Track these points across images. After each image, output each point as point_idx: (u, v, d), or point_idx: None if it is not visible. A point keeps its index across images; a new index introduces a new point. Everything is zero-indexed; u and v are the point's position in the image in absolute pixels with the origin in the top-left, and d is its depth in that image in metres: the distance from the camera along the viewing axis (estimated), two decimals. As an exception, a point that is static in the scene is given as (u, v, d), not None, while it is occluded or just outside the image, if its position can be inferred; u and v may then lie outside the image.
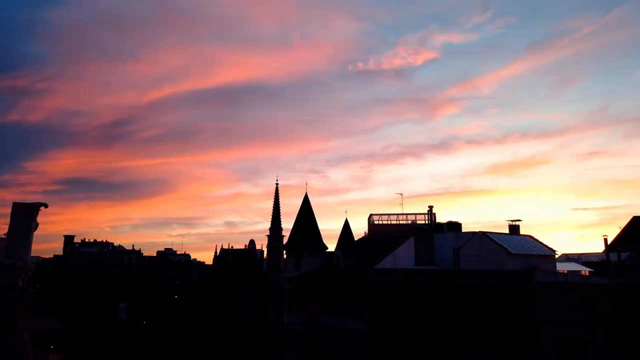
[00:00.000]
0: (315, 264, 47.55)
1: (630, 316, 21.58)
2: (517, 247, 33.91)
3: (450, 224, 42.91)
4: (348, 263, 44.26)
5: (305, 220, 50.55)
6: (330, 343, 42.06)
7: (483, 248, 34.03)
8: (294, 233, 50.33)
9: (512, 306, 26.49)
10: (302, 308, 45.72)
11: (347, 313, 40.53)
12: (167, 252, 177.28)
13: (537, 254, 34.55)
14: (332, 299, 42.67)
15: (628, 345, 21.36)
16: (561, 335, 24.00)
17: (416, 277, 33.95)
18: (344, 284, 41.68)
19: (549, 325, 24.60)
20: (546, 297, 25.14)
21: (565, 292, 24.84)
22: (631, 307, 21.70)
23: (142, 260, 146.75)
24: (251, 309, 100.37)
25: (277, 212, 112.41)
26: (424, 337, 31.97)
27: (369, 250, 43.93)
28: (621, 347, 21.58)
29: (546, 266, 32.24)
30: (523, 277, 26.59)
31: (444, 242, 39.99)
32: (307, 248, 48.14)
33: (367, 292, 37.69)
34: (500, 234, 36.97)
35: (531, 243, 36.64)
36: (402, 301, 34.14)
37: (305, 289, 46.05)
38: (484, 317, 28.04)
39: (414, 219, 52.79)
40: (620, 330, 21.69)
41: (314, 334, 44.39)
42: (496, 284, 27.89)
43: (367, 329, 37.30)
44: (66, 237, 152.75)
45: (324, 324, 43.28)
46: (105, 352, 78.51)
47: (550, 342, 24.42)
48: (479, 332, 28.28)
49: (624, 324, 21.65)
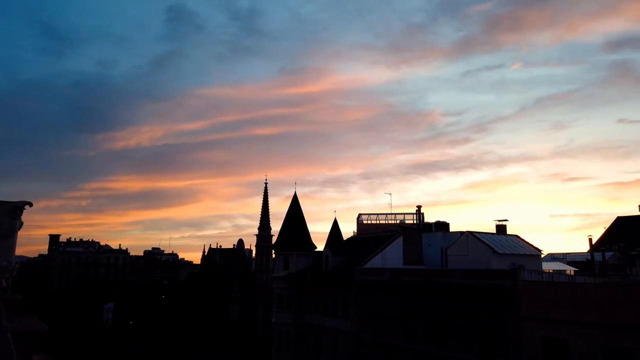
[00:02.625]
0: (304, 264, 47.51)
1: (614, 315, 21.91)
2: (503, 247, 34.26)
3: (438, 223, 43.21)
4: (337, 263, 44.30)
5: (294, 220, 50.46)
6: (318, 343, 42.07)
7: (470, 247, 34.33)
8: (282, 233, 50.23)
9: (499, 305, 26.76)
10: (290, 308, 45.68)
11: (334, 313, 40.57)
12: (154, 252, 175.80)
13: (523, 253, 34.93)
14: (321, 298, 42.69)
15: (612, 344, 21.70)
16: (546, 334, 24.30)
17: (404, 276, 34.13)
18: (332, 284, 41.71)
19: (534, 324, 24.90)
20: (532, 296, 25.44)
21: (550, 291, 25.14)
22: (615, 306, 22.04)
23: (128, 260, 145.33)
24: (240, 309, 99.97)
25: (266, 211, 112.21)
26: (411, 336, 32.16)
27: (357, 249, 44.01)
28: (605, 345, 21.92)
29: (532, 265, 32.59)
30: (509, 276, 26.87)
31: (432, 242, 40.29)
32: (296, 248, 48.07)
33: (355, 292, 37.78)
34: (487, 233, 37.31)
35: (517, 243, 37.03)
36: (390, 300, 34.30)
37: (293, 288, 46.01)
38: (471, 315, 28.29)
39: (402, 219, 53.11)
40: (605, 328, 22.02)
41: (301, 334, 44.38)
42: (483, 283, 28.16)
43: (355, 328, 37.39)
44: (51, 237, 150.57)
45: (311, 324, 43.28)
46: (91, 352, 77.62)
47: (536, 340, 24.72)
48: (466, 330, 28.53)
49: (608, 323, 21.99)
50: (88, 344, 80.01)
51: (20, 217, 11.86)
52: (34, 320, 10.21)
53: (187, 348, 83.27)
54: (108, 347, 79.13)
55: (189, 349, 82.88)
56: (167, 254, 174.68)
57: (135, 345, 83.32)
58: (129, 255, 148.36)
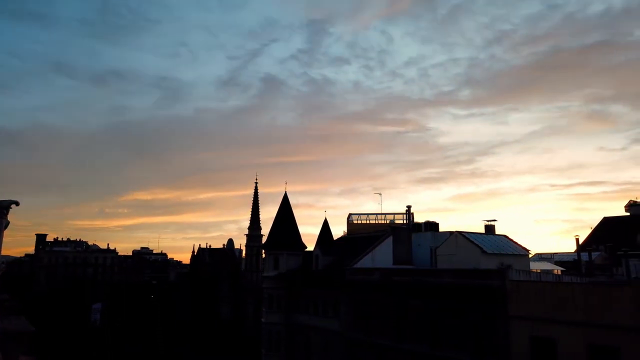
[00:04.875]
0: (294, 264, 47.47)
1: (600, 314, 22.21)
2: (492, 247, 34.52)
3: (428, 223, 43.41)
4: (327, 262, 44.33)
5: (285, 219, 50.39)
6: (308, 343, 42.06)
7: (459, 247, 34.54)
8: (273, 232, 50.11)
9: (487, 304, 26.98)
10: (281, 307, 45.61)
11: (325, 312, 40.59)
12: (143, 252, 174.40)
13: (511, 253, 35.23)
14: (311, 298, 42.68)
15: (598, 342, 21.99)
16: (534, 333, 24.56)
17: (394, 276, 34.27)
18: (322, 284, 41.74)
19: (522, 323, 25.15)
20: (520, 296, 25.69)
21: (538, 290, 25.40)
22: (601, 305, 22.33)
23: (117, 260, 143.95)
24: (230, 308, 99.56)
25: (256, 211, 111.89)
26: (400, 335, 32.30)
27: (347, 249, 44.07)
28: (591, 344, 22.20)
29: (520, 265, 32.92)
30: (498, 276, 27.11)
31: (422, 242, 40.46)
32: (286, 247, 48.00)
33: (346, 292, 37.84)
34: (475, 233, 37.56)
35: (506, 243, 37.33)
36: (381, 300, 34.41)
37: (283, 288, 45.94)
38: (459, 315, 28.49)
39: (392, 219, 53.27)
40: (591, 327, 22.31)
41: (291, 334, 44.33)
42: (472, 282, 28.37)
43: (344, 328, 37.46)
44: (38, 236, 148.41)
45: (302, 324, 43.26)
46: (78, 353, 76.78)
47: (524, 339, 24.97)
48: (455, 330, 28.72)
49: (594, 322, 22.28)
50: (76, 345, 79.13)
51: (6, 216, 11.68)
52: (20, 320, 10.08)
53: (183, 348, 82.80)
54: (96, 348, 78.35)
55: (184, 349, 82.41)
56: (156, 254, 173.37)
57: (130, 345, 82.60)
58: (117, 255, 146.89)
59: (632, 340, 20.89)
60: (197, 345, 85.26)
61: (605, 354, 21.51)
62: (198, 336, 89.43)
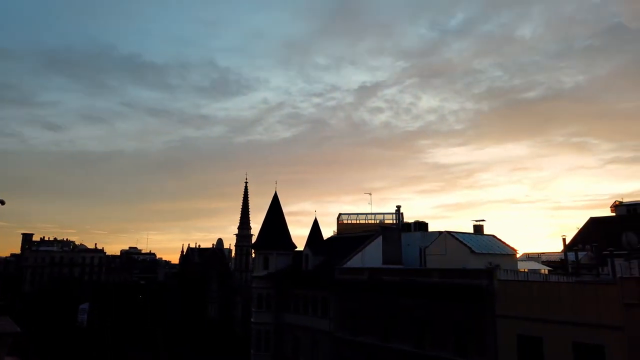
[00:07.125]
0: (284, 263, 47.40)
1: (586, 313, 22.50)
2: (480, 247, 34.77)
3: (417, 223, 43.65)
4: (317, 262, 44.32)
5: (274, 219, 50.29)
6: (297, 342, 42.05)
7: (448, 247, 34.76)
8: (262, 232, 49.99)
9: (475, 303, 27.19)
10: (270, 307, 45.54)
11: (314, 312, 40.60)
12: (131, 251, 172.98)
13: (499, 253, 35.52)
14: (300, 298, 42.66)
15: (583, 341, 22.28)
16: (521, 331, 24.81)
17: (383, 275, 34.38)
18: (312, 283, 41.73)
19: (509, 322, 25.39)
20: (507, 295, 25.94)
21: (525, 289, 25.65)
22: (587, 304, 22.63)
23: (105, 260, 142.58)
24: (219, 308, 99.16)
25: (246, 211, 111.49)
26: (389, 335, 32.43)
27: (337, 249, 44.09)
28: (577, 342, 22.49)
29: (508, 265, 33.18)
30: (486, 276, 27.33)
31: (411, 241, 40.65)
32: (276, 247, 47.92)
33: (335, 291, 37.89)
34: (464, 233, 37.81)
35: (494, 242, 37.64)
36: (370, 300, 34.52)
37: (273, 288, 45.87)
38: (448, 314, 28.69)
39: (382, 219, 53.49)
40: (577, 326, 22.59)
41: (280, 333, 44.28)
42: (460, 282, 28.57)
43: (334, 327, 37.51)
44: (24, 235, 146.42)
45: (291, 323, 43.22)
46: (64, 354, 75.84)
47: (511, 338, 25.22)
48: (443, 329, 28.91)
49: (580, 320, 22.57)
50: (62, 345, 78.17)
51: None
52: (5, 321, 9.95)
53: (183, 348, 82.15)
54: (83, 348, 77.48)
55: (184, 349, 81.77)
56: (144, 254, 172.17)
57: (130, 346, 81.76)
58: (105, 255, 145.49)
59: (616, 338, 21.20)
60: (189, 345, 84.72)
61: (591, 352, 21.80)
62: (188, 336, 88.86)
